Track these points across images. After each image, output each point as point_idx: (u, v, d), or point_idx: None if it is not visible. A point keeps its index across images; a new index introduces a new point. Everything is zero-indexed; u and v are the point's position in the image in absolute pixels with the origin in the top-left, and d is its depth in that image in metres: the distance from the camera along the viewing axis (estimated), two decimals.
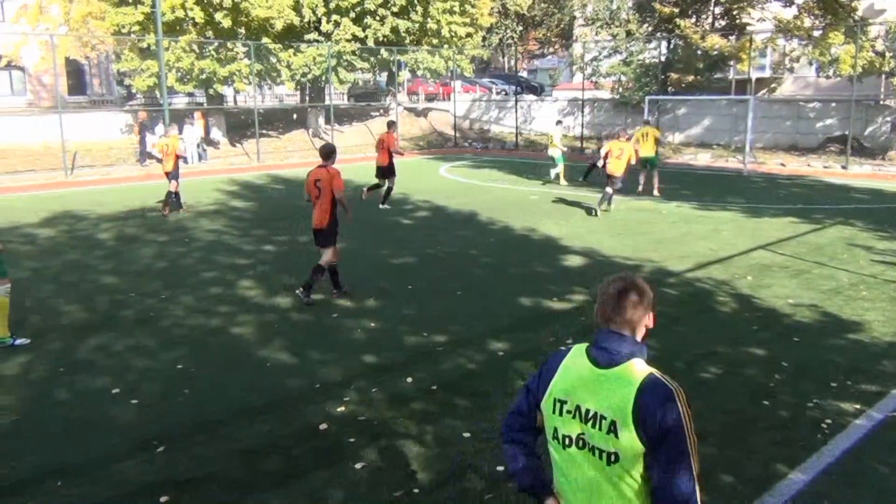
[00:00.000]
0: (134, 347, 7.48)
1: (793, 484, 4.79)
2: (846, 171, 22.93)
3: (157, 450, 5.30)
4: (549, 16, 44.32)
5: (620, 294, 2.63)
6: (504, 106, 37.25)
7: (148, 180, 22.27)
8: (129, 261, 11.40)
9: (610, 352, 2.57)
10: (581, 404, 2.54)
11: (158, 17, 23.58)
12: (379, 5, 28.91)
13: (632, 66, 30.89)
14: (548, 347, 7.36)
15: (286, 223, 14.22)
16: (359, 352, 7.29)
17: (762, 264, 10.72)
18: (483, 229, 13.77)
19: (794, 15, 26.63)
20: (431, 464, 5.08)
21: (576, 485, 2.60)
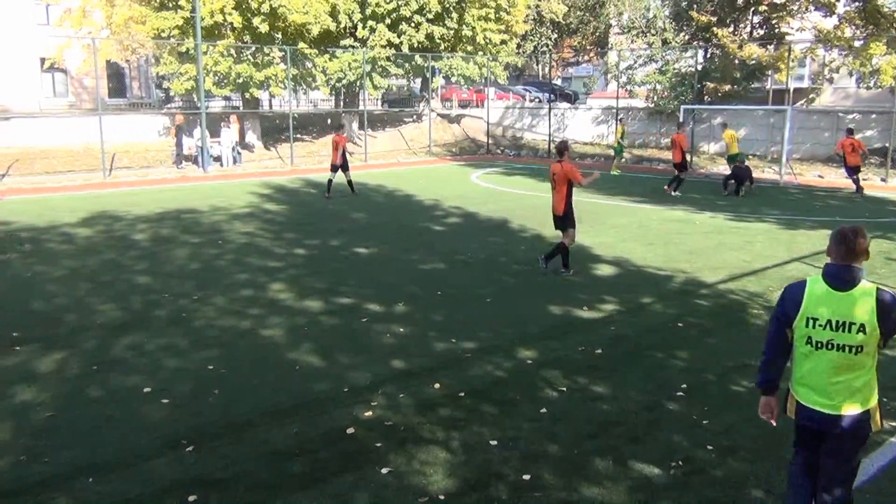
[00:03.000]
0: (166, 347, 7.57)
1: None
2: (885, 183, 22.52)
3: (186, 449, 5.36)
4: (584, 24, 44.18)
5: (852, 239, 3.76)
6: (537, 113, 37.18)
7: (184, 182, 22.59)
8: (163, 261, 11.56)
9: (846, 279, 3.75)
10: (832, 318, 3.73)
11: (198, 22, 23.96)
12: (414, 12, 29.05)
13: (667, 75, 30.67)
14: (577, 356, 7.33)
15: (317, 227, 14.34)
16: (387, 356, 7.30)
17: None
18: (514, 237, 13.74)
19: (835, 25, 26.24)
20: (457, 470, 5.07)
21: (827, 371, 3.81)
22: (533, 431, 5.64)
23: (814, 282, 3.83)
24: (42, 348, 7.47)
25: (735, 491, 4.84)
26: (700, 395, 6.39)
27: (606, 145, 31.46)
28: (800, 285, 3.88)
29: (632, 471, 5.07)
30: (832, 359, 3.78)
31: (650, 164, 28.93)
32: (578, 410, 6.07)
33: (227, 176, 24.31)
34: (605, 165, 25.87)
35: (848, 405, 3.80)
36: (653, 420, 5.90)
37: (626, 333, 8.14)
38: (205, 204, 17.49)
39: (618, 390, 6.46)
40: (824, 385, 3.83)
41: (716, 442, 5.48)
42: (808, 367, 3.88)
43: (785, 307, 3.90)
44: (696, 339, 7.94)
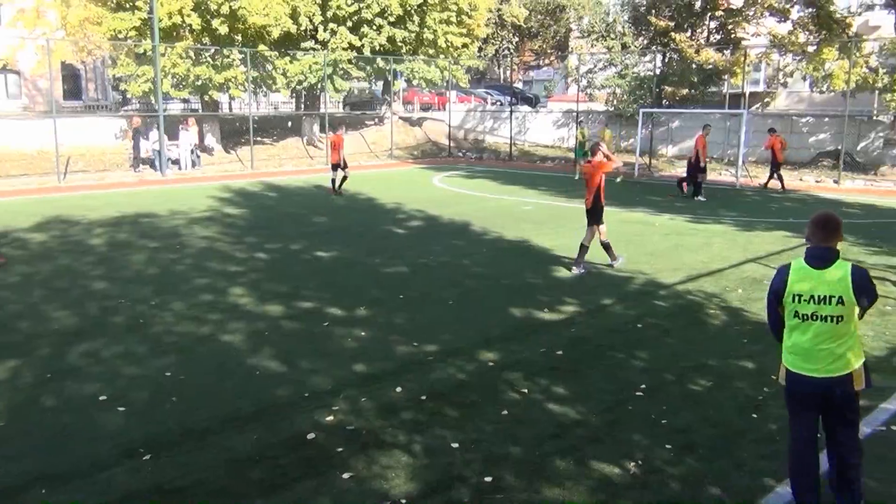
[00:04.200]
0: (123, 354, 7.44)
1: (780, 497, 4.80)
2: (838, 185, 23.05)
3: (143, 457, 5.27)
4: (545, 27, 44.54)
5: (830, 223, 4.39)
6: (499, 116, 37.36)
7: (141, 186, 22.25)
8: (120, 266, 11.36)
9: (826, 258, 4.34)
10: (814, 293, 4.29)
11: (155, 23, 23.62)
12: (376, 14, 29.02)
13: (626, 79, 31.03)
14: (538, 358, 7.36)
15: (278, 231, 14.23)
16: (349, 361, 7.27)
17: (753, 277, 10.75)
18: (476, 239, 13.78)
19: (789, 30, 26.79)
20: (419, 474, 5.07)
21: (815, 339, 4.33)
22: (495, 433, 5.66)
23: (797, 263, 4.42)
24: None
25: (693, 489, 4.91)
26: (659, 394, 6.47)
27: (567, 148, 31.72)
28: (785, 267, 4.47)
29: (592, 471, 5.12)
30: (816, 329, 4.33)
31: None
32: (540, 412, 6.10)
33: (185, 179, 24.00)
34: (566, 167, 26.09)
35: (832, 370, 4.34)
36: (613, 420, 5.95)
37: (586, 335, 8.21)
38: (163, 208, 17.25)
39: (579, 391, 6.51)
40: (811, 352, 4.37)
41: (674, 441, 5.55)
42: (796, 338, 4.42)
43: (774, 286, 4.47)
44: (655, 340, 8.04)
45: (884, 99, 24.79)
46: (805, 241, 4.53)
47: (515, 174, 26.03)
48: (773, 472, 5.09)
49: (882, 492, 4.88)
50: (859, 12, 26.73)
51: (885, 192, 21.49)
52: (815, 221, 4.44)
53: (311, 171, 26.95)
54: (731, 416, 6.05)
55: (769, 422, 5.91)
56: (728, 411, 6.13)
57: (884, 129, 26.33)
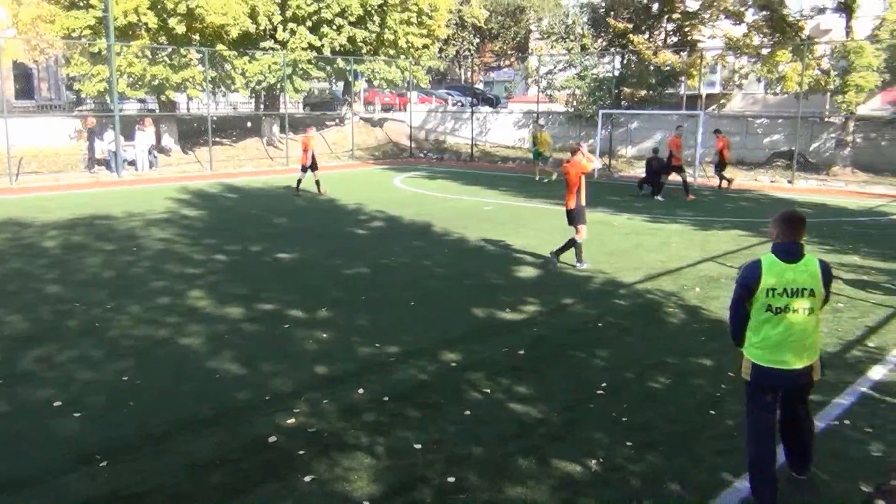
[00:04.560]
0: (78, 358, 7.29)
1: (737, 492, 4.88)
2: (792, 185, 23.53)
3: (100, 464, 5.17)
4: (505, 29, 44.77)
5: (797, 220, 4.60)
6: (460, 117, 37.42)
7: (97, 187, 21.83)
8: (75, 270, 11.14)
9: (795, 253, 4.51)
10: (787, 286, 4.43)
11: (110, 22, 23.21)
12: (336, 15, 28.86)
13: (586, 80, 31.30)
14: (500, 358, 7.39)
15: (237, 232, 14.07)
16: (310, 363, 7.22)
17: (710, 276, 10.92)
18: (437, 240, 13.78)
19: (744, 33, 27.27)
20: (382, 475, 5.05)
21: (786, 332, 4.49)
22: (457, 434, 5.67)
23: (767, 258, 4.54)
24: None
25: (653, 485, 4.97)
26: (619, 393, 6.54)
27: (527, 149, 31.90)
28: (756, 263, 4.56)
29: (554, 469, 5.15)
30: (788, 321, 4.48)
31: None
32: (502, 412, 6.12)
33: (142, 181, 23.62)
34: (527, 168, 26.23)
35: (798, 361, 4.53)
36: (574, 419, 6.00)
37: (547, 334, 8.27)
38: (119, 209, 16.95)
39: (540, 390, 6.55)
40: (782, 345, 4.51)
41: (634, 438, 5.62)
42: (767, 332, 4.53)
43: (746, 282, 4.54)
44: (615, 339, 8.12)
45: (835, 101, 25.37)
46: (772, 238, 4.67)
47: (476, 175, 26.10)
48: (730, 467, 5.17)
49: (837, 487, 4.99)
50: (811, 16, 27.27)
51: (836, 192, 21.99)
52: (784, 218, 4.62)
53: (271, 172, 26.72)
54: (689, 413, 6.14)
55: (726, 418, 6.00)
56: (687, 408, 6.22)
57: (835, 130, 26.95)
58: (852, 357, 7.55)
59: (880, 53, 23.77)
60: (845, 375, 6.97)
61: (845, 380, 6.85)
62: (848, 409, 6.22)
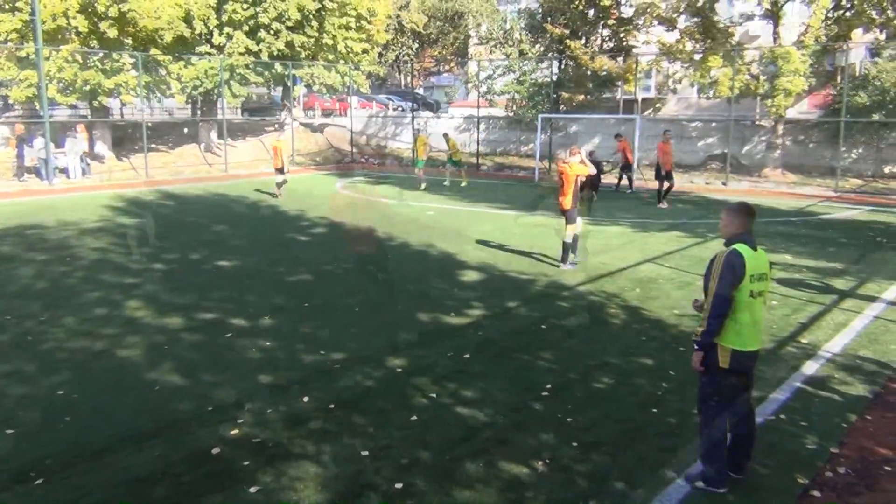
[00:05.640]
0: (9, 373, 7.04)
1: (680, 488, 4.98)
2: (726, 187, 24.18)
3: (35, 482, 5.00)
4: (444, 34, 44.92)
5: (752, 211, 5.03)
6: (401, 122, 37.41)
7: (26, 196, 21.11)
8: (5, 281, 10.75)
9: (754, 242, 4.92)
10: (757, 272, 4.84)
11: (38, 25, 22.49)
12: (273, 19, 28.55)
13: (525, 85, 31.64)
14: (446, 362, 7.40)
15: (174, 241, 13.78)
16: (253, 372, 7.11)
17: (650, 277, 11.14)
18: (381, 246, 13.72)
19: (677, 39, 27.93)
20: (329, 484, 5.00)
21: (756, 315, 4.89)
22: (404, 439, 5.65)
23: (741, 247, 4.85)
24: None
25: (599, 484, 5.03)
26: (564, 394, 6.61)
27: (469, 153, 32.05)
28: (738, 253, 4.83)
29: (502, 472, 5.18)
30: (758, 305, 4.91)
31: (511, 171, 29.72)
32: (449, 416, 6.13)
33: (74, 188, 22.93)
34: (469, 172, 26.34)
35: (760, 342, 4.99)
36: (520, 421, 6.04)
37: (492, 337, 8.31)
38: (51, 218, 16.43)
39: (486, 394, 6.58)
40: (755, 328, 4.91)
41: (580, 438, 5.68)
42: (743, 317, 4.83)
43: (738, 271, 4.78)
44: (559, 340, 8.21)
45: (765, 104, 26.17)
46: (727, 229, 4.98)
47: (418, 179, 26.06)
48: (673, 464, 5.28)
49: (774, 480, 5.13)
50: (740, 22, 28.08)
51: (767, 193, 22.67)
52: (747, 211, 5.01)
53: (209, 179, 26.26)
54: (632, 412, 6.24)
55: (669, 416, 6.13)
56: (630, 408, 6.33)
57: (766, 133, 27.80)
58: (786, 353, 7.78)
59: (807, 59, 24.62)
60: (779, 371, 7.19)
61: (779, 375, 7.06)
62: (783, 404, 6.40)
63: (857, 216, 18.19)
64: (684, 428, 5.87)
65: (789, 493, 4.98)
